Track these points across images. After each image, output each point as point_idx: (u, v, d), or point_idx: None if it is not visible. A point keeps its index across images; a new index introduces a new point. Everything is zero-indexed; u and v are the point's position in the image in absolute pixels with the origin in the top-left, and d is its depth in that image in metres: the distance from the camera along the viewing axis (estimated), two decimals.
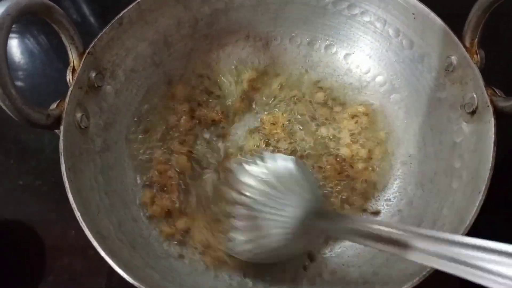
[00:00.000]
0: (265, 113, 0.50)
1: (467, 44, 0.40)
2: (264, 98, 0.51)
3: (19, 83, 0.62)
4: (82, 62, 0.41)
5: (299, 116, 0.50)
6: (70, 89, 0.40)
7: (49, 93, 0.60)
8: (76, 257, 0.48)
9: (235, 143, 0.49)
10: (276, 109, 0.51)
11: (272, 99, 0.51)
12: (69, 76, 0.41)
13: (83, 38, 0.42)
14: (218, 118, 0.50)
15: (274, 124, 0.49)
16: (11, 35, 0.64)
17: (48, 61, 0.64)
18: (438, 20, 0.41)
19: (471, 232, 0.32)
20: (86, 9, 0.69)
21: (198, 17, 0.50)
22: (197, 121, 0.50)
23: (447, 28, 0.41)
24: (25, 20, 0.67)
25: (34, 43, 0.66)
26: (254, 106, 0.51)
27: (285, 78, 0.52)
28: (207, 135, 0.49)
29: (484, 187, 0.34)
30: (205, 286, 0.40)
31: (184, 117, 0.50)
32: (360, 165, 0.47)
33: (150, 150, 0.48)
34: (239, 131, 0.50)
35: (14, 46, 0.65)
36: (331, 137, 0.49)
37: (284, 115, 0.50)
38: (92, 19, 0.68)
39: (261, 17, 0.52)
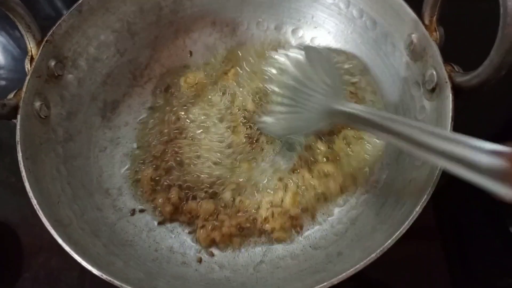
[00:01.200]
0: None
1: (426, 22, 0.40)
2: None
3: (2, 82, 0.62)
4: (40, 51, 0.40)
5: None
6: (27, 78, 0.39)
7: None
8: (52, 254, 0.48)
9: None
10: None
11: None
12: (27, 65, 0.41)
13: None
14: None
15: None
16: None
17: (24, 57, 0.64)
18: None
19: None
20: (58, 2, 0.69)
21: (162, 4, 0.50)
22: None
23: (406, 7, 0.41)
24: None
25: (9, 39, 0.66)
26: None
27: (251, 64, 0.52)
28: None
29: None
30: (171, 272, 0.40)
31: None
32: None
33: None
34: None
35: None
36: None
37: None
38: (65, 13, 0.67)
39: (227, 3, 0.52)
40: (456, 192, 0.48)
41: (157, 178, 0.46)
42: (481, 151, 0.26)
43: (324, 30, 0.51)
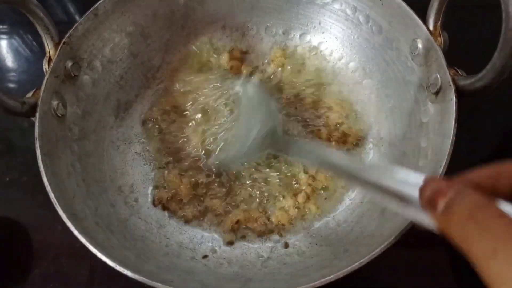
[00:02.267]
0: None
1: (431, 27, 0.41)
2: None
3: (10, 85, 0.63)
4: (57, 52, 0.42)
5: None
6: (46, 77, 0.41)
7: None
8: (62, 251, 0.49)
9: None
10: None
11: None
12: (45, 66, 0.42)
13: None
14: None
15: None
16: (0, 36, 0.66)
17: (36, 60, 0.65)
18: (404, 5, 0.43)
19: None
20: (71, 8, 0.70)
21: (174, 8, 0.51)
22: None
23: (412, 12, 0.42)
24: (12, 20, 0.68)
25: (22, 44, 0.67)
26: None
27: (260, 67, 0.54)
28: None
29: (445, 161, 0.35)
30: (181, 266, 0.41)
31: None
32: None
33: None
34: None
35: (4, 48, 0.66)
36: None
37: None
38: (78, 18, 0.69)
39: (237, 8, 0.53)
40: None
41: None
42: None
43: (331, 35, 0.52)
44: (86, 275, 0.48)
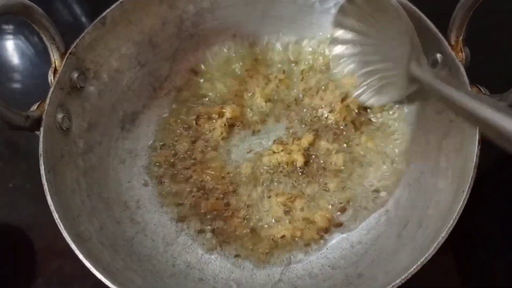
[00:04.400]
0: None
1: (452, 42, 0.39)
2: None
3: (15, 85, 0.62)
4: (63, 63, 0.41)
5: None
6: (51, 90, 0.39)
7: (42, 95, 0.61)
8: (66, 259, 0.48)
9: None
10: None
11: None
12: (50, 77, 0.41)
13: (75, 39, 0.42)
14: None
15: None
16: (6, 36, 0.65)
17: (41, 62, 0.64)
18: (424, 18, 0.41)
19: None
20: (78, 10, 0.69)
21: (184, 16, 0.50)
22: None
23: (432, 26, 0.40)
24: (17, 21, 0.67)
25: (28, 45, 0.66)
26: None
27: (274, 76, 0.52)
28: None
29: (468, 186, 0.33)
30: None
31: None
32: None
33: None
34: None
35: (10, 48, 0.65)
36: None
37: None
38: (84, 20, 0.68)
39: (248, 16, 0.51)
40: (470, 206, 0.47)
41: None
42: None
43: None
44: (90, 286, 0.46)
